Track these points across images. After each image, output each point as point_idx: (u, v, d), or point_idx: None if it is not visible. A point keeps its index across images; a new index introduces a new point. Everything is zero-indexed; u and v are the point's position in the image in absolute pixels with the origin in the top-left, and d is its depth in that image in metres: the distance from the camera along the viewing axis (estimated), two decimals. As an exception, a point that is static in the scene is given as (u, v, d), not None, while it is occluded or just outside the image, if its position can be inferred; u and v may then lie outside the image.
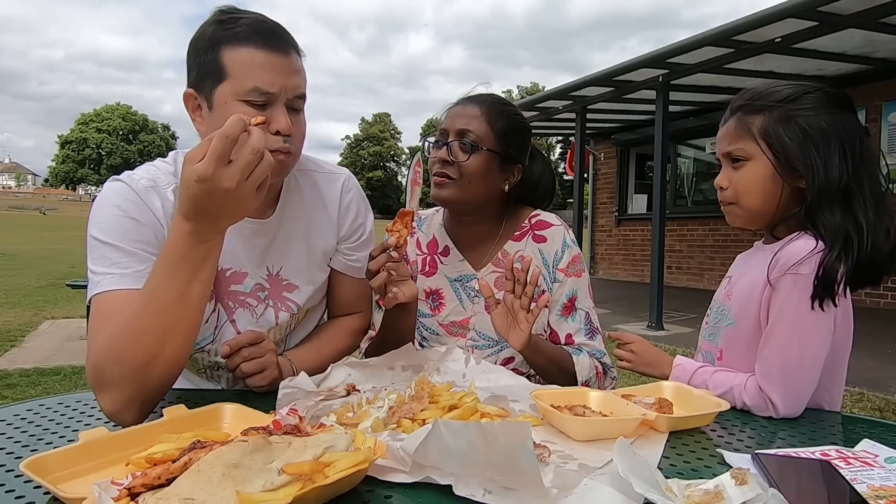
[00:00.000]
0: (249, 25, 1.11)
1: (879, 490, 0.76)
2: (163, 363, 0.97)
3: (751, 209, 1.23)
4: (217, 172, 0.87)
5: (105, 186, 1.17)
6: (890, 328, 5.43)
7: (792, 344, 1.11)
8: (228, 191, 0.88)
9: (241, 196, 0.90)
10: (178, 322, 0.96)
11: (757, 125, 1.19)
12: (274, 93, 1.10)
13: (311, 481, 0.65)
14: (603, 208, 11.60)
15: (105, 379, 0.96)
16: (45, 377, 4.41)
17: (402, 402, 0.98)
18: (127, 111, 71.16)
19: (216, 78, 1.10)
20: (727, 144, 1.23)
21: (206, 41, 1.11)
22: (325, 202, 1.33)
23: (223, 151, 0.87)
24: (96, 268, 1.07)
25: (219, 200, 0.89)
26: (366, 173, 64.13)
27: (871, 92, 7.07)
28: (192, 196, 0.89)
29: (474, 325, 1.47)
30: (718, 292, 1.34)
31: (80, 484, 0.73)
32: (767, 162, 1.18)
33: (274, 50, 1.10)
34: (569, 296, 1.45)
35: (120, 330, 0.96)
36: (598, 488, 0.72)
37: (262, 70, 1.09)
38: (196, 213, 0.91)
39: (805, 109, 1.17)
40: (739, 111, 1.23)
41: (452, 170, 1.37)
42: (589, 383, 1.38)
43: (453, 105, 1.45)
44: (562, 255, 1.46)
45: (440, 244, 1.53)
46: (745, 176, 1.21)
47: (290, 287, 1.29)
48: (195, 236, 0.93)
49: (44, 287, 9.59)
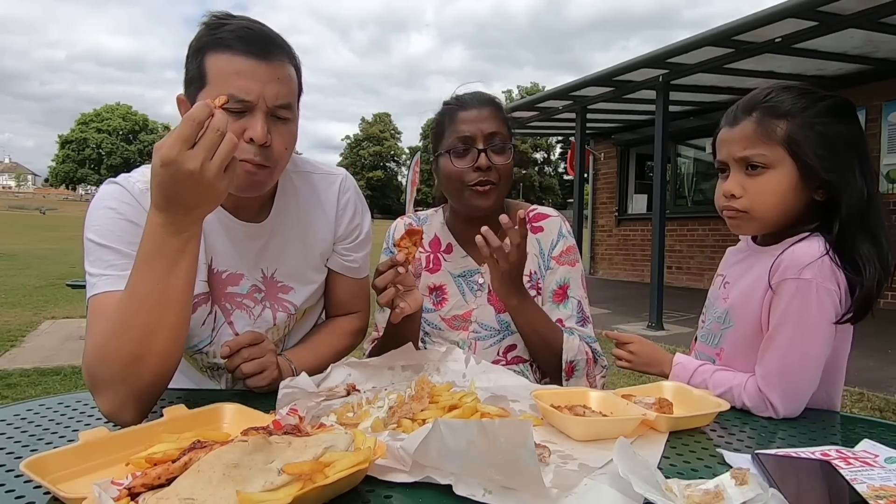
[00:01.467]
0: (233, 31, 1.08)
1: (879, 490, 0.75)
2: (152, 359, 0.96)
3: (767, 220, 1.17)
4: (181, 154, 0.86)
5: (100, 189, 1.16)
6: (890, 328, 5.43)
7: (794, 348, 1.10)
8: (193, 172, 0.86)
9: (207, 178, 0.88)
10: (160, 317, 0.94)
11: (781, 131, 1.12)
12: (250, 101, 1.06)
13: (311, 481, 0.65)
14: (603, 208, 11.61)
15: (98, 379, 0.96)
16: (45, 377, 4.41)
17: (402, 402, 0.98)
18: (127, 111, 71.21)
19: (199, 84, 1.09)
20: (743, 148, 1.15)
21: (194, 47, 1.11)
22: (322, 203, 1.33)
23: (188, 134, 0.86)
24: (93, 269, 1.07)
25: (186, 185, 0.88)
26: (366, 173, 64.17)
27: (871, 92, 7.07)
28: (160, 183, 0.88)
29: (476, 317, 1.48)
30: (713, 292, 1.33)
31: (80, 484, 0.73)
32: (791, 171, 1.12)
33: (254, 56, 1.07)
34: (560, 283, 1.47)
35: (105, 329, 0.96)
36: (598, 488, 0.72)
37: (238, 77, 1.05)
38: (166, 201, 0.90)
39: (823, 117, 1.12)
40: (757, 113, 1.14)
41: (493, 174, 1.37)
42: (576, 367, 1.38)
43: (458, 110, 1.40)
44: (556, 244, 1.48)
45: (443, 242, 1.54)
46: (765, 185, 1.13)
47: (285, 289, 1.29)
48: (168, 228, 0.92)
49: (44, 287, 9.60)
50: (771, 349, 1.12)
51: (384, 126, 69.19)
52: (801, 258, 1.10)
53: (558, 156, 33.52)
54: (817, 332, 1.10)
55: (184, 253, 0.94)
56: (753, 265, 1.21)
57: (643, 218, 10.31)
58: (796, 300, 1.09)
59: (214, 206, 0.95)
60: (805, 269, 1.08)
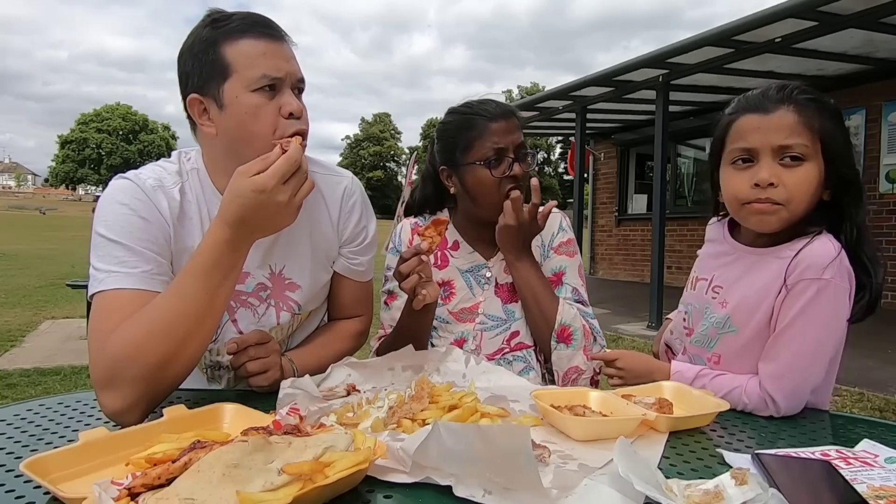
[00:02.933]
0: (243, 19, 1.14)
1: (879, 490, 0.75)
2: (180, 362, 1.00)
3: (796, 215, 1.12)
4: (276, 187, 0.97)
5: (111, 184, 1.16)
6: (890, 328, 5.44)
7: (807, 346, 1.10)
8: (280, 204, 0.98)
9: (287, 210, 1.00)
10: (201, 325, 1.00)
11: (818, 124, 1.09)
12: (281, 77, 1.12)
13: (311, 481, 0.65)
14: (603, 208, 11.60)
15: (119, 376, 0.96)
16: (45, 377, 4.41)
17: (402, 402, 0.98)
18: (127, 111, 71.12)
19: (221, 75, 1.10)
20: (785, 137, 1.09)
21: (203, 43, 1.12)
22: (326, 204, 1.33)
23: (286, 171, 0.98)
24: (101, 265, 1.07)
25: (267, 213, 0.98)
26: (366, 173, 64.14)
27: (871, 92, 7.07)
28: (244, 205, 0.97)
29: (483, 309, 1.51)
30: (698, 297, 1.28)
31: (80, 484, 0.73)
32: (820, 165, 1.10)
33: (272, 38, 1.13)
34: (555, 270, 1.52)
35: (141, 328, 0.97)
36: (598, 488, 0.72)
37: (265, 57, 1.11)
38: (240, 221, 0.98)
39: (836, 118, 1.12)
40: (794, 104, 1.10)
41: (523, 182, 1.44)
42: (573, 334, 1.40)
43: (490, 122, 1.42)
44: (556, 236, 1.55)
45: (450, 240, 1.56)
46: (803, 177, 1.09)
47: (292, 286, 1.29)
48: (231, 244, 0.99)
49: (44, 287, 9.60)
50: (782, 347, 1.11)
51: (384, 126, 69.21)
52: (820, 258, 1.08)
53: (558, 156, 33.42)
54: (832, 331, 1.10)
55: (235, 268, 1.02)
56: (752, 268, 1.19)
57: (643, 218, 10.30)
58: (815, 300, 1.08)
59: (275, 232, 1.07)
60: (826, 270, 1.07)
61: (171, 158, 1.24)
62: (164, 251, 1.12)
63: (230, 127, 1.12)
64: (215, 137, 1.15)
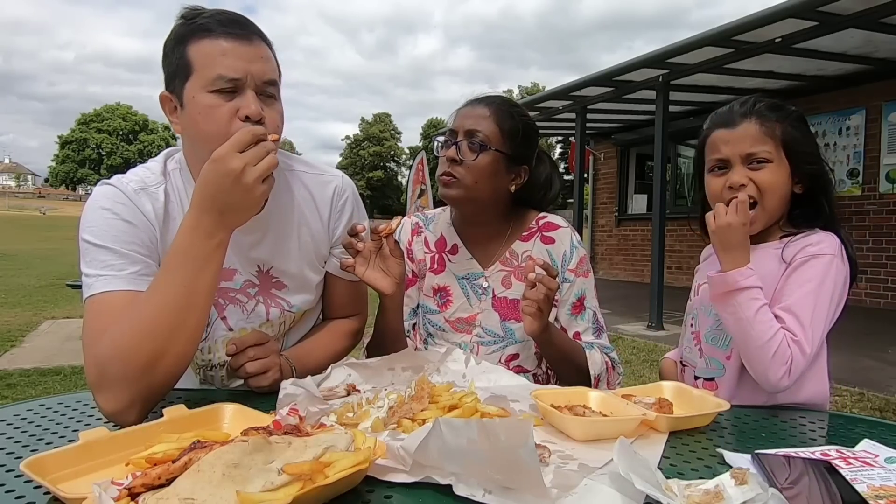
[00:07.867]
0: (211, 17, 1.11)
1: (879, 490, 0.76)
2: (169, 360, 0.99)
3: (773, 212, 1.27)
4: (230, 153, 0.96)
5: (95, 191, 1.17)
6: (890, 328, 5.43)
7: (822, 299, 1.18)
8: (233, 171, 0.95)
9: (245, 181, 0.96)
10: (184, 319, 0.98)
11: (778, 131, 1.25)
12: (239, 78, 1.08)
13: (311, 481, 0.65)
14: (603, 208, 11.60)
15: (109, 378, 0.96)
16: (45, 377, 4.41)
17: (402, 402, 0.98)
18: (127, 111, 71.09)
19: (184, 74, 1.10)
20: (749, 146, 1.25)
21: (173, 40, 1.12)
22: (315, 204, 1.32)
23: (242, 141, 0.97)
24: (90, 270, 1.07)
25: (224, 183, 0.96)
26: (366, 173, 64.09)
27: (871, 92, 7.07)
28: (203, 179, 0.97)
29: (480, 321, 1.48)
30: (704, 298, 1.33)
31: (80, 484, 0.73)
32: (785, 166, 1.25)
33: (235, 37, 1.09)
34: (577, 295, 1.49)
35: (126, 328, 0.97)
36: (598, 488, 0.72)
37: (224, 57, 1.08)
38: (202, 199, 0.97)
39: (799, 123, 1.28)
40: (755, 117, 1.26)
41: (459, 169, 1.38)
42: (601, 378, 1.40)
43: (462, 106, 1.45)
44: (571, 256, 1.49)
45: (448, 242, 1.54)
46: (769, 176, 1.24)
47: (279, 285, 1.29)
48: (199, 231, 0.97)
49: (44, 287, 9.60)
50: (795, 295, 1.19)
51: (384, 126, 69.10)
52: (822, 242, 1.22)
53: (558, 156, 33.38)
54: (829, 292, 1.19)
55: (210, 259, 1.00)
56: (752, 264, 1.21)
57: (643, 218, 10.30)
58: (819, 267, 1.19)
59: (246, 214, 1.02)
60: (827, 248, 1.21)
61: (157, 158, 1.24)
62: (151, 253, 1.12)
63: (187, 126, 1.13)
64: (182, 135, 1.17)
